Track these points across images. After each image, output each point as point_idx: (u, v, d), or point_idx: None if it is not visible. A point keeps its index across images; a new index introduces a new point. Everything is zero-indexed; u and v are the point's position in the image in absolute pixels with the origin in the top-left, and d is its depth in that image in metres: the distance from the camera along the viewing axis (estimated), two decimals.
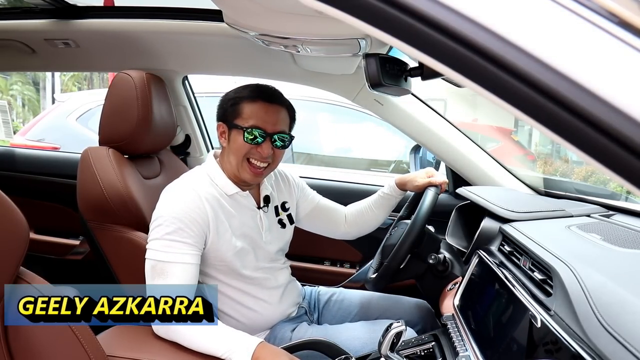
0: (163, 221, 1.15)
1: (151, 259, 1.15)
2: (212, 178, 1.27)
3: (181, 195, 1.20)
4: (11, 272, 0.73)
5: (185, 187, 1.22)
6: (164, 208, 1.18)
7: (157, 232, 1.15)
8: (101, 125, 1.46)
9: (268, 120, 1.24)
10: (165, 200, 1.20)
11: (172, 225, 1.14)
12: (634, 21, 0.45)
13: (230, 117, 1.26)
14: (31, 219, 0.78)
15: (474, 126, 5.44)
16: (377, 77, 1.00)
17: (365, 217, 1.57)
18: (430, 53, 0.47)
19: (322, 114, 3.80)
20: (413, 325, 1.40)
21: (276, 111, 1.26)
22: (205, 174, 1.28)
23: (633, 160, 0.41)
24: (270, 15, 1.11)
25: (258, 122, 1.23)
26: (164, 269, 1.12)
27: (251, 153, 1.24)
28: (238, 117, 1.24)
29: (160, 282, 1.12)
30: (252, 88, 1.27)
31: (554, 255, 0.88)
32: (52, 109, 3.75)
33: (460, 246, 1.38)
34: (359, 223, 1.58)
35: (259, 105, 1.24)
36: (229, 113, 1.26)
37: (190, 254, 1.15)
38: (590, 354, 0.62)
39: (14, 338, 0.73)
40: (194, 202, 1.18)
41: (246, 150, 1.23)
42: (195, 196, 1.19)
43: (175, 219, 1.15)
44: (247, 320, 1.31)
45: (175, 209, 1.16)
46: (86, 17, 1.69)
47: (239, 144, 1.23)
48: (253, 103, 1.24)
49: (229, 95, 1.29)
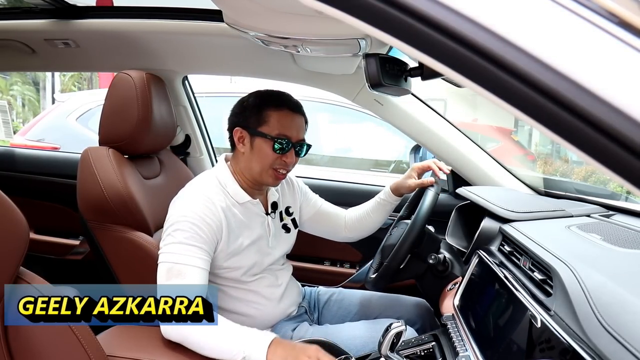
0: (179, 226, 1.15)
1: (168, 262, 1.13)
2: (224, 185, 1.27)
3: (197, 201, 1.20)
4: (11, 272, 0.73)
5: (200, 193, 1.22)
6: (180, 213, 1.17)
7: (175, 236, 1.15)
8: (101, 125, 1.46)
9: (294, 130, 1.26)
10: (180, 205, 1.20)
11: (189, 230, 1.15)
12: (634, 21, 0.45)
13: (253, 124, 1.25)
14: (31, 219, 0.78)
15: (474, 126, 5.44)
16: (377, 77, 1.00)
17: (364, 222, 1.58)
18: (430, 53, 0.47)
19: (322, 114, 3.80)
20: (412, 324, 1.41)
21: (299, 120, 1.28)
22: (215, 180, 1.28)
23: (633, 160, 0.41)
24: (270, 15, 1.11)
25: (285, 131, 1.24)
26: (182, 271, 1.11)
27: (277, 162, 1.25)
28: (263, 125, 1.24)
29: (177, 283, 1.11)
30: (276, 96, 1.28)
31: (554, 255, 0.88)
32: (52, 109, 3.75)
33: (460, 246, 1.38)
34: (357, 228, 1.60)
35: (285, 114, 1.25)
36: (251, 120, 1.26)
37: (203, 259, 1.16)
38: (590, 354, 0.62)
39: (14, 338, 0.73)
40: (209, 209, 1.19)
41: (273, 159, 1.25)
42: (210, 203, 1.20)
43: (192, 225, 1.15)
44: (248, 318, 1.31)
45: (192, 214, 1.17)
46: (86, 17, 1.68)
47: (266, 152, 1.24)
48: (279, 111, 1.25)
49: (250, 102, 1.28)
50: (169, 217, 1.19)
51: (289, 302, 1.41)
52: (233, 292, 1.31)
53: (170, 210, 1.21)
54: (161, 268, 1.14)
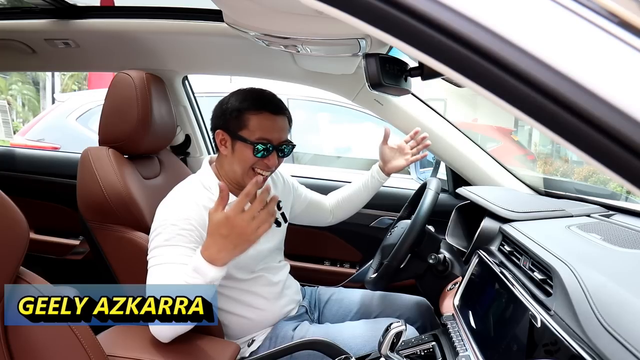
0: (162, 230, 1.14)
1: (151, 266, 1.13)
2: (208, 188, 1.26)
3: (177, 203, 1.20)
4: (11, 272, 0.73)
5: (181, 195, 1.22)
6: (161, 217, 1.17)
7: (157, 240, 1.14)
8: (101, 125, 1.45)
9: (275, 132, 1.24)
10: (161, 210, 1.19)
11: (171, 232, 1.13)
12: (634, 21, 0.45)
13: (233, 127, 1.24)
14: (31, 219, 0.77)
15: (474, 126, 5.45)
16: (377, 77, 1.00)
17: (352, 203, 1.66)
18: (430, 53, 0.47)
19: (322, 114, 3.80)
20: (413, 322, 1.41)
21: (281, 122, 1.26)
22: (199, 184, 1.28)
23: (633, 160, 0.41)
24: (270, 15, 1.10)
25: (265, 135, 1.22)
26: (160, 271, 1.11)
27: (257, 164, 1.25)
28: (243, 129, 1.23)
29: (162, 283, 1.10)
30: (255, 97, 1.25)
31: (554, 255, 0.88)
32: (52, 109, 3.75)
33: (460, 246, 1.38)
34: (344, 209, 1.67)
35: (265, 117, 1.23)
36: (232, 123, 1.24)
37: (188, 256, 1.14)
38: (590, 354, 0.62)
39: (14, 338, 0.73)
40: (190, 208, 1.18)
41: (253, 162, 1.24)
42: (192, 203, 1.19)
43: (173, 226, 1.14)
44: (247, 317, 1.32)
45: (173, 216, 1.16)
46: (86, 17, 1.68)
47: (247, 156, 1.23)
48: (259, 114, 1.23)
49: (229, 104, 1.26)
50: (152, 225, 1.19)
51: (287, 301, 1.41)
52: (230, 293, 1.30)
53: (155, 216, 1.20)
54: (149, 273, 1.13)
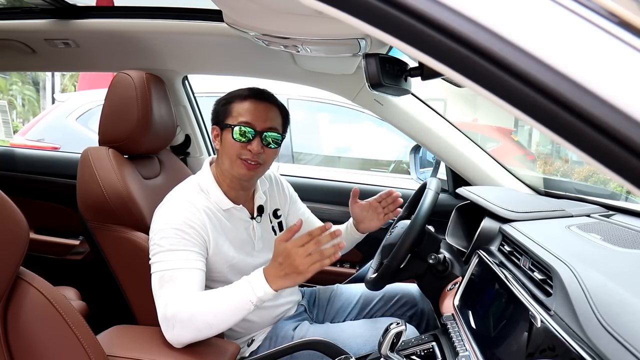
0: (164, 234, 1.14)
1: (158, 271, 1.13)
2: (207, 192, 1.26)
3: (177, 206, 1.20)
4: (11, 272, 0.73)
5: (180, 199, 1.22)
6: (163, 221, 1.17)
7: (161, 244, 1.14)
8: (101, 125, 1.46)
9: (258, 117, 1.24)
10: (162, 214, 1.19)
11: (175, 236, 1.14)
12: (634, 21, 0.45)
13: (221, 117, 1.27)
14: (31, 219, 0.78)
15: (474, 126, 5.44)
16: (377, 77, 1.00)
17: None
18: (430, 53, 0.47)
19: (322, 114, 3.80)
20: (413, 304, 1.43)
21: (266, 108, 1.26)
22: (197, 186, 1.27)
23: (633, 160, 0.41)
24: (270, 15, 1.10)
25: (247, 118, 1.24)
26: (173, 276, 1.11)
27: (242, 152, 1.24)
28: (229, 117, 1.26)
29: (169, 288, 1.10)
30: (245, 89, 1.29)
31: (554, 255, 0.88)
32: (52, 109, 3.75)
33: (460, 246, 1.38)
34: None
35: (248, 103, 1.26)
36: (220, 114, 1.28)
37: (196, 259, 1.15)
38: (590, 354, 0.62)
39: (14, 338, 0.73)
40: (191, 212, 1.18)
41: (237, 149, 1.23)
42: (191, 207, 1.19)
43: (176, 229, 1.14)
44: (246, 322, 1.30)
45: (174, 220, 1.16)
46: (86, 17, 1.68)
47: (230, 142, 1.24)
48: (243, 101, 1.26)
49: (221, 100, 1.31)
50: (153, 227, 1.18)
51: (285, 300, 1.41)
52: None
53: (153, 218, 1.20)
54: (154, 278, 1.13)
